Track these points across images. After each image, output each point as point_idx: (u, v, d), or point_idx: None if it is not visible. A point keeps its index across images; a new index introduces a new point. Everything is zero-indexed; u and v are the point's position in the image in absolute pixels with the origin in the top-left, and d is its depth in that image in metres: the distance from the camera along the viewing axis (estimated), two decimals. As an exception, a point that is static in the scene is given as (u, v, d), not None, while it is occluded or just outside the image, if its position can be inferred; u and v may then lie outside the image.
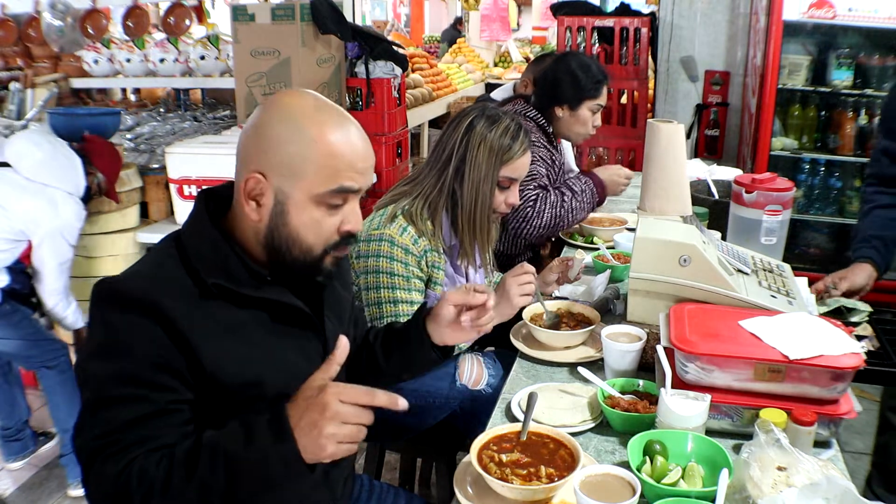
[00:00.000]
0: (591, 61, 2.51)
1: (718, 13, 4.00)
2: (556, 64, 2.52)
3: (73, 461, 2.64)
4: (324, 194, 1.09)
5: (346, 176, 1.09)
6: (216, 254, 1.10)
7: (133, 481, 0.96)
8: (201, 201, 1.15)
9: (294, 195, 1.09)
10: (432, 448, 1.97)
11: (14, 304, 2.57)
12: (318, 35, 3.21)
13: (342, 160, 1.08)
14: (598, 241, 2.43)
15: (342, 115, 1.13)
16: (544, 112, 2.51)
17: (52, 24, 4.03)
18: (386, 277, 1.69)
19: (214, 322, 1.07)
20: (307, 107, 1.10)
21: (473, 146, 1.72)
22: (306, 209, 1.09)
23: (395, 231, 1.70)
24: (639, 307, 1.60)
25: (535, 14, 10.04)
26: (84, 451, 1.01)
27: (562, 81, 2.45)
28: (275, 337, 1.14)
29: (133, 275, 1.09)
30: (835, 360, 1.23)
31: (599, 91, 2.46)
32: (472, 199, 1.74)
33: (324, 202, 1.10)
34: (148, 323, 1.02)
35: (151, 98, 4.68)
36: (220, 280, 1.08)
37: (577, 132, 2.51)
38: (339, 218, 1.12)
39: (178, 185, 2.88)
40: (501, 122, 1.75)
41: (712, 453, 1.18)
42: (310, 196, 1.09)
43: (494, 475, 1.14)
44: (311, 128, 1.07)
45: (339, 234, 1.13)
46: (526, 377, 1.59)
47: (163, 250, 1.13)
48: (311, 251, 1.12)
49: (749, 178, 1.99)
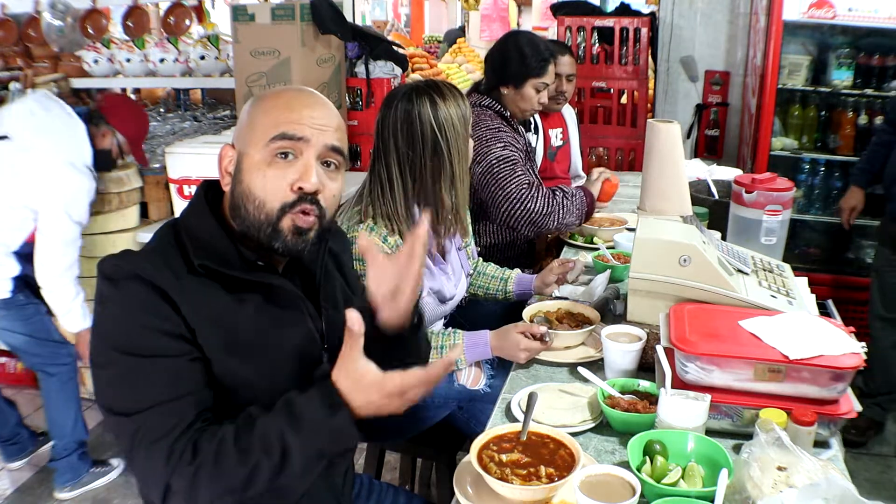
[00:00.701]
0: (539, 40, 2.51)
1: (718, 13, 3.99)
2: (503, 42, 2.53)
3: (63, 466, 2.62)
4: (268, 144, 1.11)
5: (287, 124, 1.12)
6: (209, 237, 1.13)
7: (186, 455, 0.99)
8: (201, 190, 1.19)
9: (247, 153, 1.13)
10: (432, 448, 1.97)
11: (28, 296, 2.49)
12: (318, 35, 3.21)
13: (286, 111, 1.13)
14: (598, 241, 2.43)
15: (303, 87, 1.20)
16: (494, 92, 2.51)
17: (52, 24, 4.03)
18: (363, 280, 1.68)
19: (206, 302, 1.09)
20: (278, 89, 1.19)
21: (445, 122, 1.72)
22: (257, 165, 1.12)
23: (364, 233, 1.70)
24: (639, 307, 1.60)
25: (535, 14, 10.03)
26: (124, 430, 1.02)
27: (509, 60, 2.46)
28: (266, 320, 1.15)
29: (129, 252, 1.12)
30: (835, 360, 1.23)
31: (545, 70, 2.46)
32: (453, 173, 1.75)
33: (272, 155, 1.12)
34: (145, 291, 1.04)
35: (151, 98, 4.68)
36: (209, 262, 1.09)
37: (522, 108, 2.52)
38: (291, 174, 1.12)
39: (178, 185, 2.88)
40: (447, 93, 1.75)
41: (712, 453, 1.18)
42: (258, 151, 1.12)
43: (494, 475, 1.14)
44: (268, 94, 1.17)
45: (293, 192, 1.12)
46: (526, 377, 1.59)
47: (160, 235, 1.16)
48: (263, 206, 1.11)
49: (749, 178, 1.99)
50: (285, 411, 1.01)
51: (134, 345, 1.03)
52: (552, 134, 3.04)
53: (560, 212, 2.30)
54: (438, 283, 1.82)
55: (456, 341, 1.73)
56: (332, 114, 1.17)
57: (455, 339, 1.73)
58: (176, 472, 0.98)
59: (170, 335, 1.04)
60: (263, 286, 1.14)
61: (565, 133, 3.14)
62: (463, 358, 1.73)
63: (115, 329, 1.05)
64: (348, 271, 1.40)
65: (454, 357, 1.02)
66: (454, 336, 1.74)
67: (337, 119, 1.18)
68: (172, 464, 0.98)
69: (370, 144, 3.71)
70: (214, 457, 0.99)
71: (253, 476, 0.99)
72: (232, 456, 0.99)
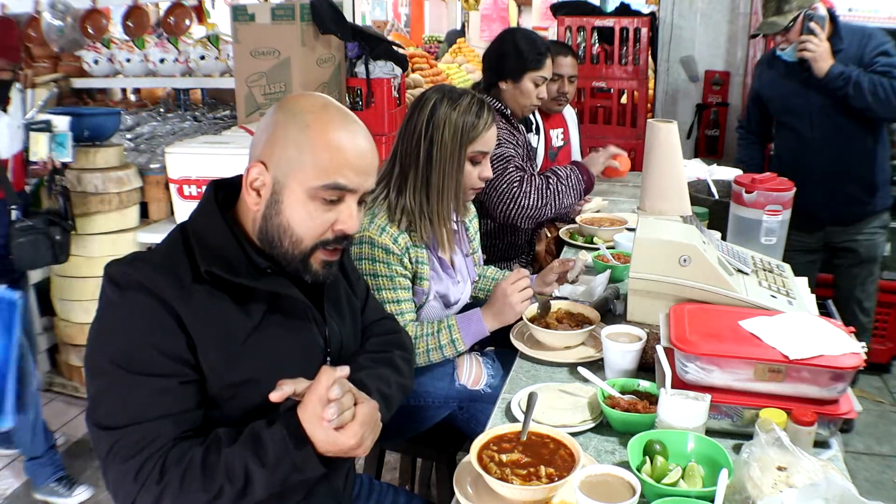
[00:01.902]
0: (536, 35, 2.52)
1: (718, 13, 3.99)
2: (500, 39, 2.53)
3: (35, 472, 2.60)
4: (318, 188, 1.10)
5: (341, 173, 1.10)
6: (218, 242, 1.12)
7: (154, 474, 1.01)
8: (211, 191, 1.18)
9: (290, 186, 1.10)
10: (432, 448, 1.97)
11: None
12: (318, 35, 3.21)
13: (339, 156, 1.10)
14: (598, 241, 2.43)
15: (348, 116, 1.15)
16: (493, 90, 2.51)
17: (52, 24, 4.03)
18: (370, 279, 1.68)
19: (213, 311, 1.09)
20: (315, 105, 1.13)
21: (438, 129, 1.72)
22: (300, 201, 1.11)
23: (375, 232, 1.69)
24: (639, 307, 1.60)
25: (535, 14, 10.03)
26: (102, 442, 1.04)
27: (506, 55, 2.46)
28: (274, 328, 1.15)
29: (138, 258, 1.11)
30: (835, 360, 1.23)
31: (542, 63, 2.46)
32: (442, 181, 1.73)
33: (318, 197, 1.10)
34: (150, 304, 1.04)
35: (151, 98, 4.68)
36: (216, 269, 1.09)
37: (522, 104, 2.51)
38: (332, 216, 1.12)
39: (178, 185, 2.88)
40: (462, 100, 1.74)
41: (712, 453, 1.18)
42: (304, 189, 1.10)
43: (494, 475, 1.14)
44: (313, 123, 1.10)
45: (332, 233, 1.13)
46: (526, 377, 1.59)
47: (170, 238, 1.15)
48: (300, 243, 1.12)
49: (749, 178, 1.99)
50: (251, 442, 1.04)
51: (129, 360, 1.04)
52: (553, 134, 3.04)
53: (556, 199, 2.29)
54: (445, 287, 1.82)
55: (451, 322, 1.71)
56: (375, 151, 1.17)
57: (449, 321, 1.72)
58: (143, 489, 1.01)
59: (167, 355, 1.05)
60: (271, 294, 1.14)
61: (566, 134, 3.14)
62: (460, 338, 1.70)
63: (115, 339, 1.06)
64: (351, 272, 1.41)
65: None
66: (448, 320, 1.72)
67: (377, 159, 1.17)
68: (140, 482, 1.01)
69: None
70: (180, 479, 1.01)
71: (215, 501, 1.02)
72: (197, 480, 1.01)
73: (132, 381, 1.03)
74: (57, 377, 3.35)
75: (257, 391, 1.10)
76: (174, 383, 1.05)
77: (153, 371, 1.04)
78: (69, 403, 3.27)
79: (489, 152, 1.81)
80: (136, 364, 1.04)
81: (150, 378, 1.04)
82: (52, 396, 3.31)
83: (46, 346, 3.36)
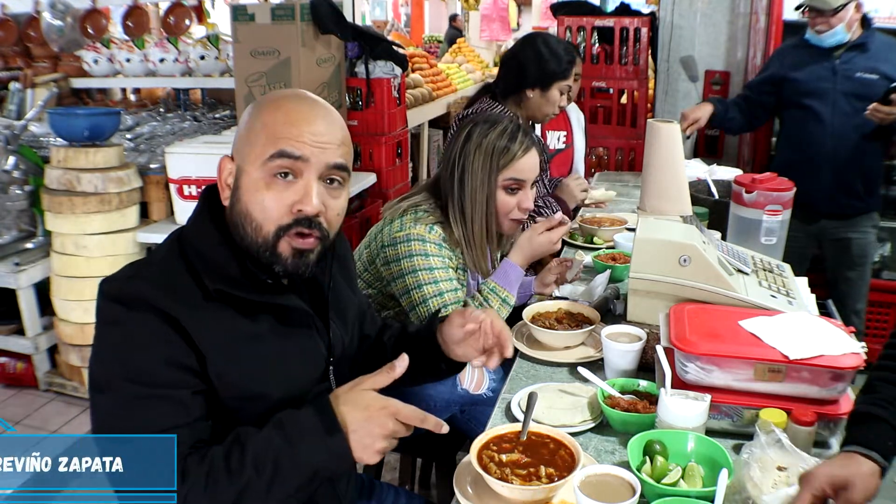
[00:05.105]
0: (559, 42, 2.51)
1: (718, 13, 3.99)
2: (523, 46, 2.51)
3: None
4: (266, 161, 1.06)
5: (286, 141, 1.05)
6: (216, 255, 1.09)
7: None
8: (204, 198, 1.15)
9: (246, 170, 1.08)
10: (432, 448, 1.97)
11: None
12: (318, 35, 3.21)
13: (286, 124, 1.06)
14: (598, 241, 2.43)
15: (308, 95, 1.12)
16: (513, 96, 2.49)
17: (52, 24, 4.04)
18: (426, 273, 1.70)
19: (218, 327, 1.07)
20: (277, 92, 1.14)
21: (469, 153, 1.73)
22: (255, 184, 1.07)
23: (423, 230, 1.72)
24: (639, 307, 1.60)
25: (535, 14, 10.04)
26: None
27: (531, 63, 2.44)
28: (280, 340, 1.14)
29: (137, 275, 1.08)
30: (835, 360, 1.23)
31: (569, 72, 2.47)
32: (472, 208, 1.74)
33: (269, 172, 1.06)
34: (156, 321, 1.02)
35: (151, 98, 4.69)
36: (222, 286, 1.07)
37: (545, 112, 2.51)
38: (290, 195, 1.06)
39: (178, 185, 2.88)
40: (498, 125, 1.74)
41: (712, 453, 1.18)
42: (256, 168, 1.06)
43: (494, 475, 1.14)
44: (265, 101, 1.11)
45: (291, 215, 1.07)
46: (526, 377, 1.59)
47: (166, 250, 1.13)
48: (261, 230, 1.07)
49: (749, 177, 1.99)
50: (280, 429, 1.01)
51: (139, 374, 1.02)
52: (552, 136, 3.02)
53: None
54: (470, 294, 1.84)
55: (492, 286, 1.75)
56: (336, 127, 1.11)
57: (489, 286, 1.75)
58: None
59: (177, 366, 1.03)
60: (275, 307, 1.12)
61: (569, 137, 3.11)
62: (509, 294, 1.75)
63: (124, 355, 1.03)
64: (351, 272, 1.40)
65: (443, 429, 1.11)
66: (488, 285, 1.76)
67: (341, 132, 1.11)
68: None
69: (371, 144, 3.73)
70: (205, 479, 0.99)
71: (242, 497, 0.99)
72: (222, 477, 0.99)
73: (145, 395, 1.01)
74: (57, 377, 3.34)
75: (262, 401, 1.09)
76: (186, 394, 1.04)
77: (166, 384, 1.02)
78: (69, 403, 3.26)
79: (527, 181, 1.76)
80: (148, 378, 1.01)
81: (163, 390, 1.02)
82: (52, 396, 3.30)
83: (46, 346, 3.36)
